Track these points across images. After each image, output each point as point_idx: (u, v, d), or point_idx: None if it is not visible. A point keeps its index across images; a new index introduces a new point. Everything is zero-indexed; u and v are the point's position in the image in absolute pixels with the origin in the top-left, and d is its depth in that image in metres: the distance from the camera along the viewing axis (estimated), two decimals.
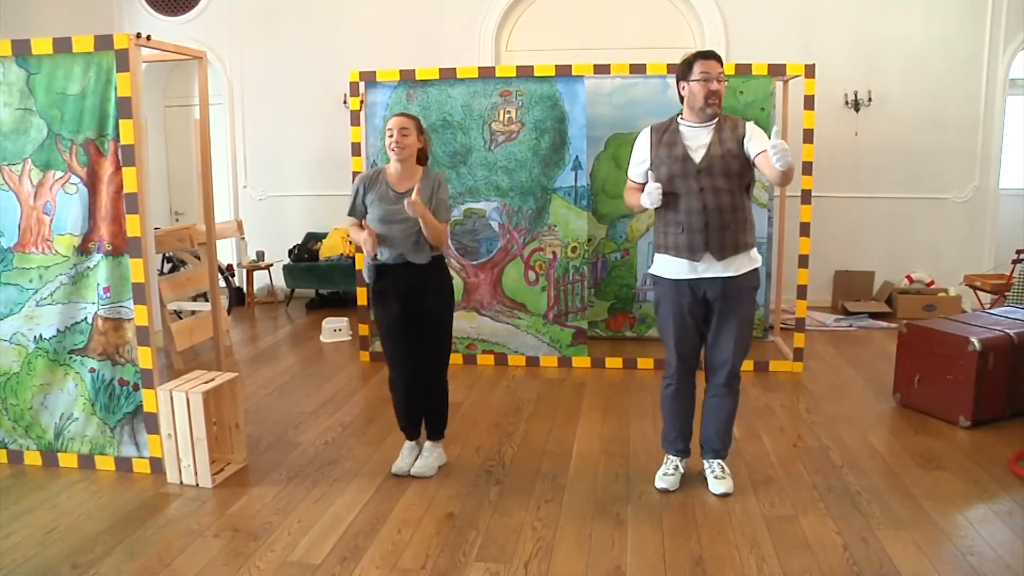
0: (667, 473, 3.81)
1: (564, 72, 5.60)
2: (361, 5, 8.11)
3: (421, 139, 3.82)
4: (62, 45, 3.83)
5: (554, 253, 5.81)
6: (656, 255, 3.69)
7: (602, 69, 5.58)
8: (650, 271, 3.77)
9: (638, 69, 5.62)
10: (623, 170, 5.87)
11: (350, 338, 6.84)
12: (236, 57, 8.46)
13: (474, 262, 5.94)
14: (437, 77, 5.74)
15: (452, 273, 5.84)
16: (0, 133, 3.99)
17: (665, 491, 3.74)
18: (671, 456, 3.86)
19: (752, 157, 3.46)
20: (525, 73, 5.66)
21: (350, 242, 4.11)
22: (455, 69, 5.73)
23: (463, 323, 5.97)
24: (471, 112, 5.77)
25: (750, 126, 3.52)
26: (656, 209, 3.55)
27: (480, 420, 4.78)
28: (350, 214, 3.94)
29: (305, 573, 3.09)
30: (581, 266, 5.83)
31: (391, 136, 3.73)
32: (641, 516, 3.51)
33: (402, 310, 3.83)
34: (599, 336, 6.48)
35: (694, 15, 7.73)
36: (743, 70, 5.58)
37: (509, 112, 5.73)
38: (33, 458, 4.20)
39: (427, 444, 4.07)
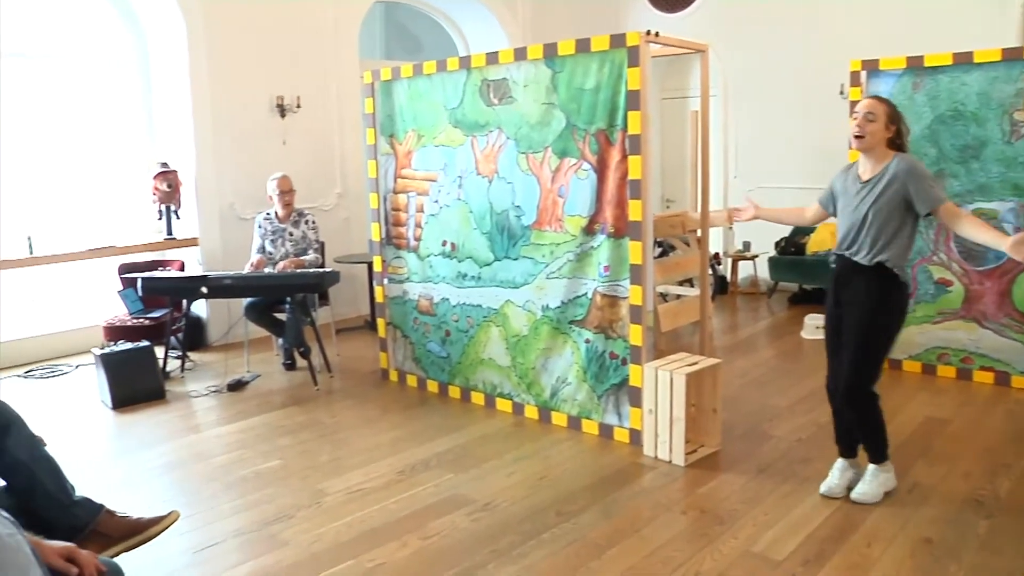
0: None
1: None
2: None
3: (891, 128, 3.43)
4: (582, 46, 4.22)
5: None
6: None
7: None
8: None
9: None
10: None
11: None
12: (730, 49, 8.54)
13: (979, 268, 5.29)
14: (950, 62, 5.18)
15: (952, 279, 5.31)
16: (528, 125, 4.54)
17: None
18: None
19: None
20: None
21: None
22: (971, 53, 5.11)
23: (961, 334, 5.37)
24: (989, 101, 5.10)
25: None
26: None
27: (971, 442, 4.28)
28: (821, 202, 3.85)
29: (765, 567, 3.07)
30: None
31: (855, 119, 3.43)
32: None
33: (833, 304, 3.63)
34: None
35: None
36: None
37: None
38: (531, 412, 4.75)
39: (869, 468, 3.65)
